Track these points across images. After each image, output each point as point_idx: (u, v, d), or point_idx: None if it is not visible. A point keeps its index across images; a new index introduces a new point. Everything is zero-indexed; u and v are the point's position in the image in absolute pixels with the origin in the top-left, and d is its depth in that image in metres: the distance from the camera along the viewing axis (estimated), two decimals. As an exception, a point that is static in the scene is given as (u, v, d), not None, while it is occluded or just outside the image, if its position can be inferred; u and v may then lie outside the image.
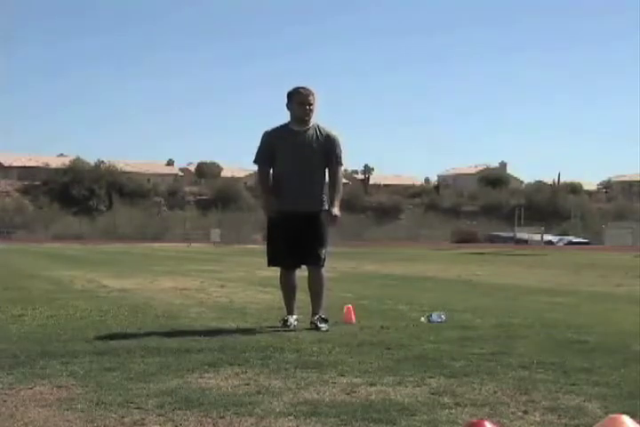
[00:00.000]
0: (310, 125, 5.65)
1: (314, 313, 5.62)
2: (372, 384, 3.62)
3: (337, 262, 15.94)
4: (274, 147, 5.65)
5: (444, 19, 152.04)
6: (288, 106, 5.67)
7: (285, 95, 5.68)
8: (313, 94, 5.63)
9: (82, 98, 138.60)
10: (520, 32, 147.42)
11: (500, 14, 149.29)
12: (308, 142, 5.61)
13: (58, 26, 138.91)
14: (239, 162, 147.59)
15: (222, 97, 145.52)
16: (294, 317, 5.66)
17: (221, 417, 3.02)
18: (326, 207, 5.68)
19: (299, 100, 5.60)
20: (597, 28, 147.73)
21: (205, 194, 74.51)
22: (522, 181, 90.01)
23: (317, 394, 3.42)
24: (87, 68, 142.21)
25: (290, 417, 3.01)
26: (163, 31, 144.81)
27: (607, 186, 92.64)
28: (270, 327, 5.61)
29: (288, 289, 5.79)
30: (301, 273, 5.85)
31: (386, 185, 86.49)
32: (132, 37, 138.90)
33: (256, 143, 5.80)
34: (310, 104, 5.60)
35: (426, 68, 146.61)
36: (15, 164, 78.34)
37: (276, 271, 5.97)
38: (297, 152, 5.58)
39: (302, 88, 5.64)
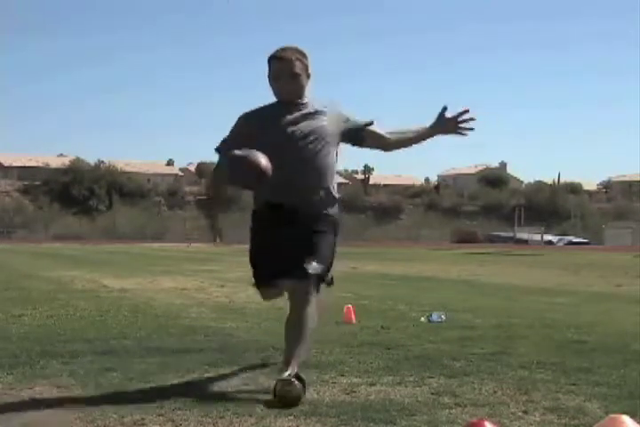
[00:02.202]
0: (305, 102, 3.76)
1: (285, 365, 3.41)
2: (371, 384, 3.63)
3: (337, 262, 15.93)
4: (250, 136, 3.67)
5: (443, 17, 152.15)
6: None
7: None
8: (300, 59, 3.68)
9: (82, 98, 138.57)
10: (520, 32, 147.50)
11: (499, 13, 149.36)
12: (299, 122, 3.70)
13: (59, 23, 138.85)
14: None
15: (223, 96, 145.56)
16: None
17: (221, 417, 3.02)
18: (331, 212, 3.74)
19: (273, 74, 3.70)
20: (596, 27, 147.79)
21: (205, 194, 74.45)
22: (522, 181, 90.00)
23: (317, 394, 3.42)
24: (87, 68, 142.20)
25: (290, 417, 3.01)
26: (159, 30, 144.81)
27: (607, 186, 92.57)
28: (270, 327, 5.60)
29: None
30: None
31: (386, 185, 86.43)
32: (128, 36, 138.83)
33: None
34: (294, 74, 3.66)
35: (426, 67, 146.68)
36: (15, 164, 78.32)
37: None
38: (284, 137, 3.66)
39: (280, 52, 3.69)
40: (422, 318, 6.09)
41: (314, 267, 3.55)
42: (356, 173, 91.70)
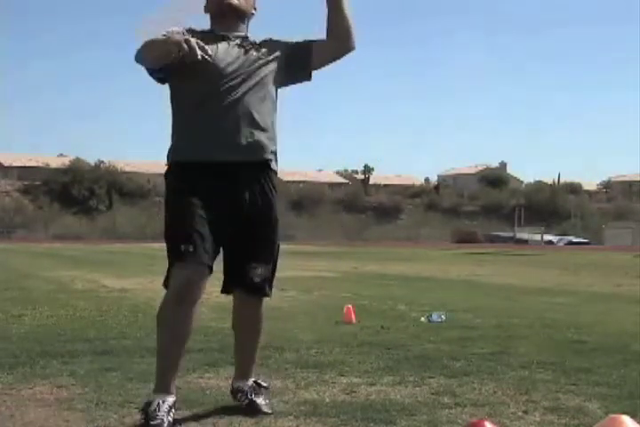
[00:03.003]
0: (243, 33, 3.15)
1: (242, 375, 3.25)
2: (371, 384, 3.63)
3: (338, 262, 15.94)
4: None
5: (443, 17, 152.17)
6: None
7: None
8: None
9: (82, 97, 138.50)
10: (519, 32, 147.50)
11: (496, 11, 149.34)
12: (238, 61, 3.04)
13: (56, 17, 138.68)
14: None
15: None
16: (170, 399, 2.84)
17: (221, 417, 3.03)
18: (273, 164, 3.13)
19: None
20: (596, 26, 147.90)
21: (205, 194, 74.45)
22: (522, 181, 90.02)
23: (317, 394, 3.42)
24: (87, 68, 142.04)
25: (290, 417, 3.02)
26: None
27: (607, 186, 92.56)
28: (269, 327, 5.59)
29: (174, 336, 3.01)
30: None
31: (386, 185, 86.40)
32: (122, 29, 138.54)
33: None
34: None
35: (425, 67, 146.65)
36: (15, 164, 78.31)
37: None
38: (224, 68, 3.00)
39: None
40: (422, 318, 6.09)
41: (267, 273, 3.24)
42: (356, 173, 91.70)
